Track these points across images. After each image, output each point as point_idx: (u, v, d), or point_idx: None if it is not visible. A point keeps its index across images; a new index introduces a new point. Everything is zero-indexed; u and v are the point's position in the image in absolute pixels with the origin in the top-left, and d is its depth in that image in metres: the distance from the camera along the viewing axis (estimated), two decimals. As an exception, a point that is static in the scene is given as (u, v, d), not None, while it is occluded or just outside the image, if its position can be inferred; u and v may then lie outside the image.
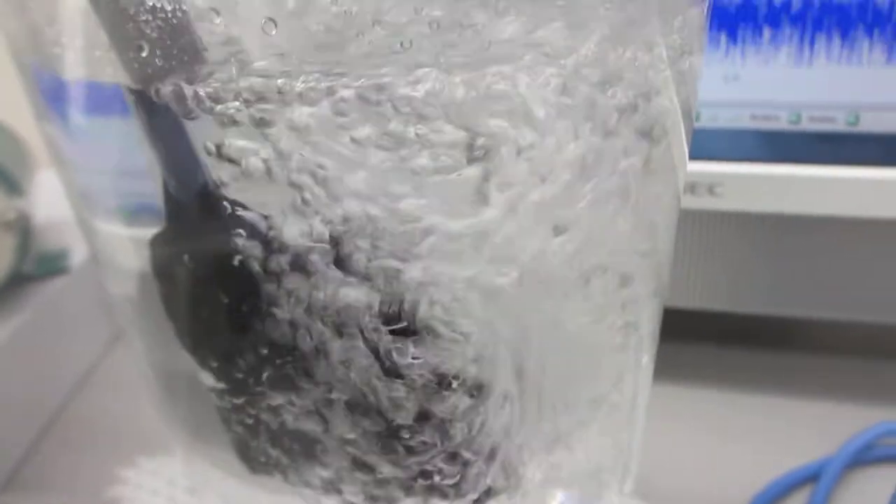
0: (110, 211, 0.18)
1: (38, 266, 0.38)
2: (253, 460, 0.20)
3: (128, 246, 0.18)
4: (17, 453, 0.34)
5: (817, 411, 0.35)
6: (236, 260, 0.14)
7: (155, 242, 0.16)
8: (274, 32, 0.12)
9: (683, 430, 0.34)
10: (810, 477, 0.31)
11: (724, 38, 0.29)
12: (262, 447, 0.19)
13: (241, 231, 0.14)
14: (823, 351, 0.38)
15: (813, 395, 0.36)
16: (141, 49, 0.12)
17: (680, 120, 0.19)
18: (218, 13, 0.12)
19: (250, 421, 0.18)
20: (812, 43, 0.29)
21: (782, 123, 0.30)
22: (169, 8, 0.12)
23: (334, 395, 0.16)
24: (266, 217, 0.14)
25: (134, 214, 0.18)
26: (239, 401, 0.17)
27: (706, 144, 0.31)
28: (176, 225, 0.15)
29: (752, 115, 0.30)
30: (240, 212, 0.14)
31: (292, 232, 0.14)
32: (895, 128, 0.29)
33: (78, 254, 0.40)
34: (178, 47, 0.12)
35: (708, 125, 0.31)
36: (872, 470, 0.32)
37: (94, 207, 0.19)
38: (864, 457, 0.32)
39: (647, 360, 0.23)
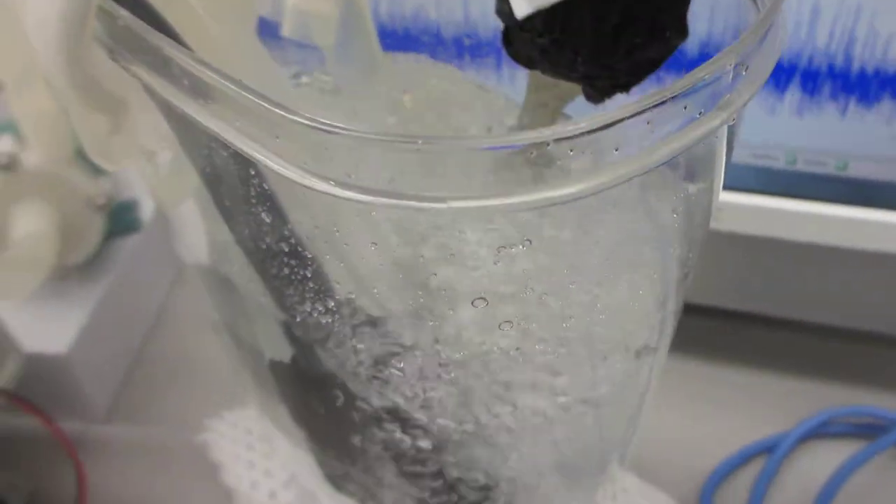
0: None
1: (114, 225, 0.42)
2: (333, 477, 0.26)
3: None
4: (112, 389, 0.41)
5: (784, 387, 0.41)
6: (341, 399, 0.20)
7: (274, 366, 0.21)
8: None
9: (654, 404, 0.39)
10: (767, 449, 0.38)
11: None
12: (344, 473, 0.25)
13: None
14: (793, 328, 0.43)
15: (782, 371, 0.42)
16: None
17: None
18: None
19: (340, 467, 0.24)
20: (808, 98, 0.32)
21: (780, 163, 0.34)
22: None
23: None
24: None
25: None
26: (334, 462, 0.24)
27: (712, 172, 0.35)
28: (296, 368, 0.20)
29: (752, 154, 0.34)
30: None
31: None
32: (879, 176, 0.33)
33: (147, 209, 0.44)
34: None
35: (715, 156, 0.35)
36: (825, 444, 0.38)
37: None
38: (821, 431, 0.38)
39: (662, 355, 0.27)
